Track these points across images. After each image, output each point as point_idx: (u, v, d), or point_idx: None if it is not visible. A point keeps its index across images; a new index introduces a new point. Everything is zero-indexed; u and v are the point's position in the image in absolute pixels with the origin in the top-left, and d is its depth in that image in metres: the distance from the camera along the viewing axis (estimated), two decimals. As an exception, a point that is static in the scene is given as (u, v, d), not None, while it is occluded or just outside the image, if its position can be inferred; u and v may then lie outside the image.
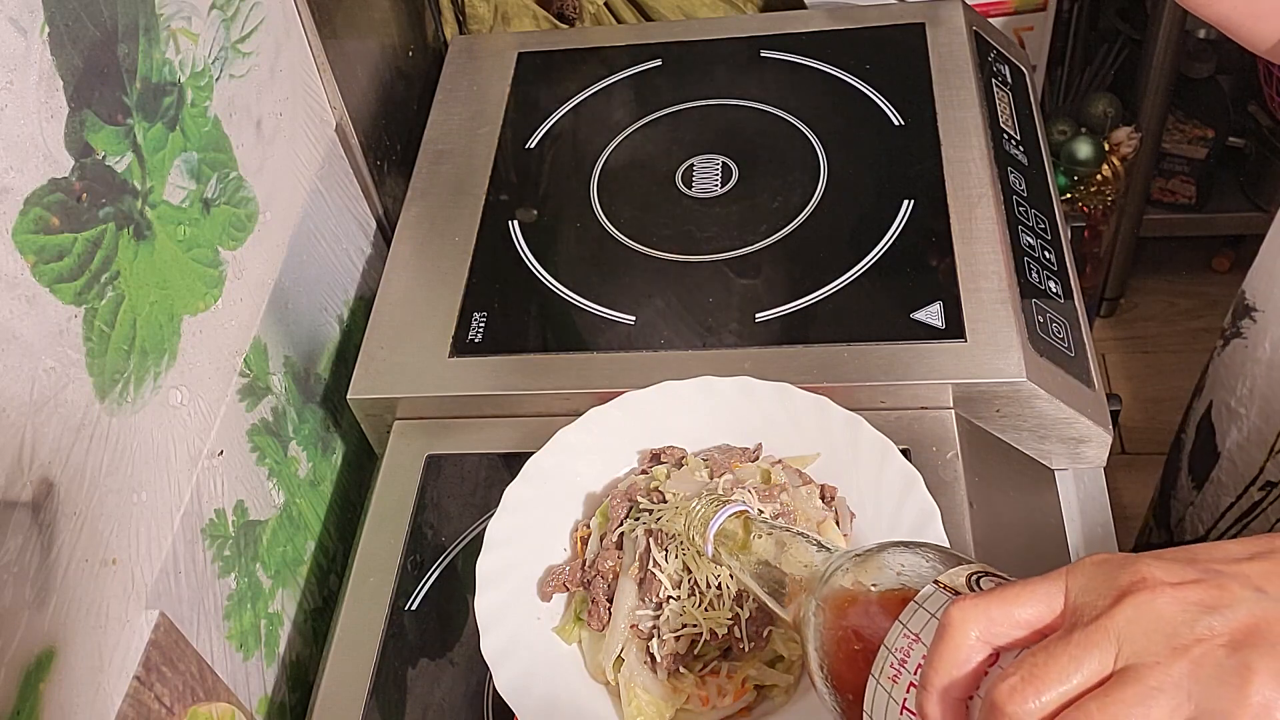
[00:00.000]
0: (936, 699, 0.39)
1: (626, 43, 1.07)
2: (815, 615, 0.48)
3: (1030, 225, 0.88)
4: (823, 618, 0.47)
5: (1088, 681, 0.36)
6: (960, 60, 0.97)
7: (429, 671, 0.73)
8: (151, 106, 0.67)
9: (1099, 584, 0.38)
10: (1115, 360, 1.85)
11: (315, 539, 0.85)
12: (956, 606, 0.39)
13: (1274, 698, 0.34)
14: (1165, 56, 1.53)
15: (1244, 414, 0.88)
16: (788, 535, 0.54)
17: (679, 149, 0.97)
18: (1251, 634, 0.35)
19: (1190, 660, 0.35)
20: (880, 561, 0.47)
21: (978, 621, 0.39)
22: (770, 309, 0.83)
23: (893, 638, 0.43)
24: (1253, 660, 0.34)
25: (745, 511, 0.58)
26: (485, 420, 0.83)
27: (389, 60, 1.03)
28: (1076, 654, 0.36)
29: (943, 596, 0.42)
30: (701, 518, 0.58)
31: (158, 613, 0.63)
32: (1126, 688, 0.35)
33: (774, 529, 0.55)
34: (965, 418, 0.78)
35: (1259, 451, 0.87)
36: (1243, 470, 0.90)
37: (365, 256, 0.98)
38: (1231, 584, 0.37)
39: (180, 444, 0.68)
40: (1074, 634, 0.37)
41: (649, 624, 0.63)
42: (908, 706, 0.41)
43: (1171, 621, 0.36)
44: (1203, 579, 0.37)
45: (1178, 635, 0.35)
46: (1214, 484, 0.95)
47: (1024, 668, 0.37)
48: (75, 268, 0.59)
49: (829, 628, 0.47)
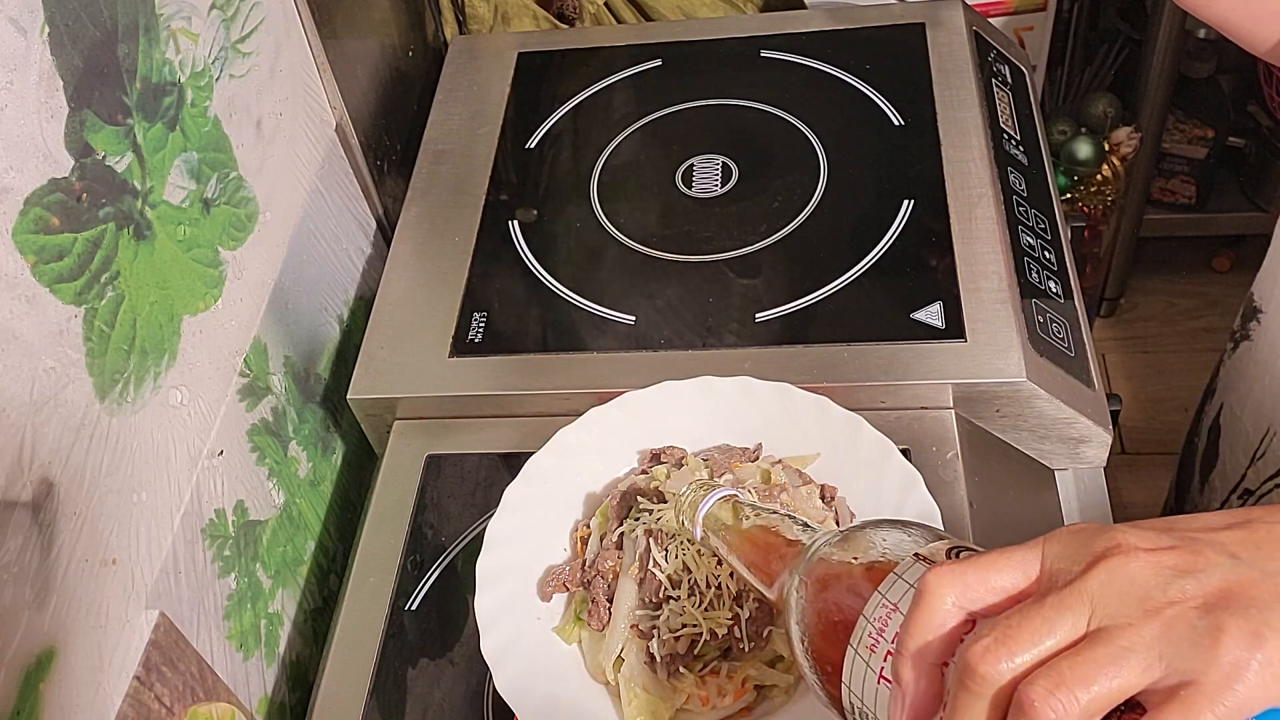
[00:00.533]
0: (911, 663, 0.39)
1: (626, 43, 1.07)
2: (798, 591, 0.48)
3: (1030, 225, 0.88)
4: (805, 593, 0.48)
5: (1061, 643, 0.36)
6: (960, 60, 0.97)
7: (429, 671, 0.73)
8: (151, 106, 0.67)
9: (1074, 550, 0.38)
10: (1115, 360, 1.85)
11: (315, 539, 0.85)
12: (933, 573, 0.39)
13: (1244, 657, 0.34)
14: (1165, 56, 1.53)
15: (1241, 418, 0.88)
16: (774, 517, 0.54)
17: (679, 149, 0.97)
18: (1224, 597, 0.35)
19: (1162, 621, 0.35)
20: (863, 538, 0.47)
21: (953, 587, 0.39)
22: (770, 309, 0.83)
23: (871, 608, 0.43)
24: (1224, 621, 0.34)
25: (733, 496, 0.58)
26: (485, 420, 0.83)
27: (389, 60, 1.03)
28: (1050, 616, 0.36)
29: (922, 568, 0.43)
30: (690, 503, 0.58)
31: (158, 613, 0.63)
32: (1098, 647, 0.35)
33: (760, 511, 0.55)
34: (965, 418, 0.78)
35: (1245, 458, 0.87)
36: (1230, 476, 0.90)
37: (365, 256, 0.98)
38: (1206, 550, 0.37)
39: (180, 444, 0.68)
40: (1048, 597, 0.37)
41: (649, 624, 0.63)
42: (885, 675, 0.41)
43: (1144, 584, 0.36)
44: (1178, 545, 0.37)
45: (1150, 598, 0.36)
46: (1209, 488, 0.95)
47: (997, 629, 0.37)
48: (75, 268, 0.59)
49: (811, 602, 0.47)
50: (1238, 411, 0.89)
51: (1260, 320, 0.85)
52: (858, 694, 0.43)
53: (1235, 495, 0.89)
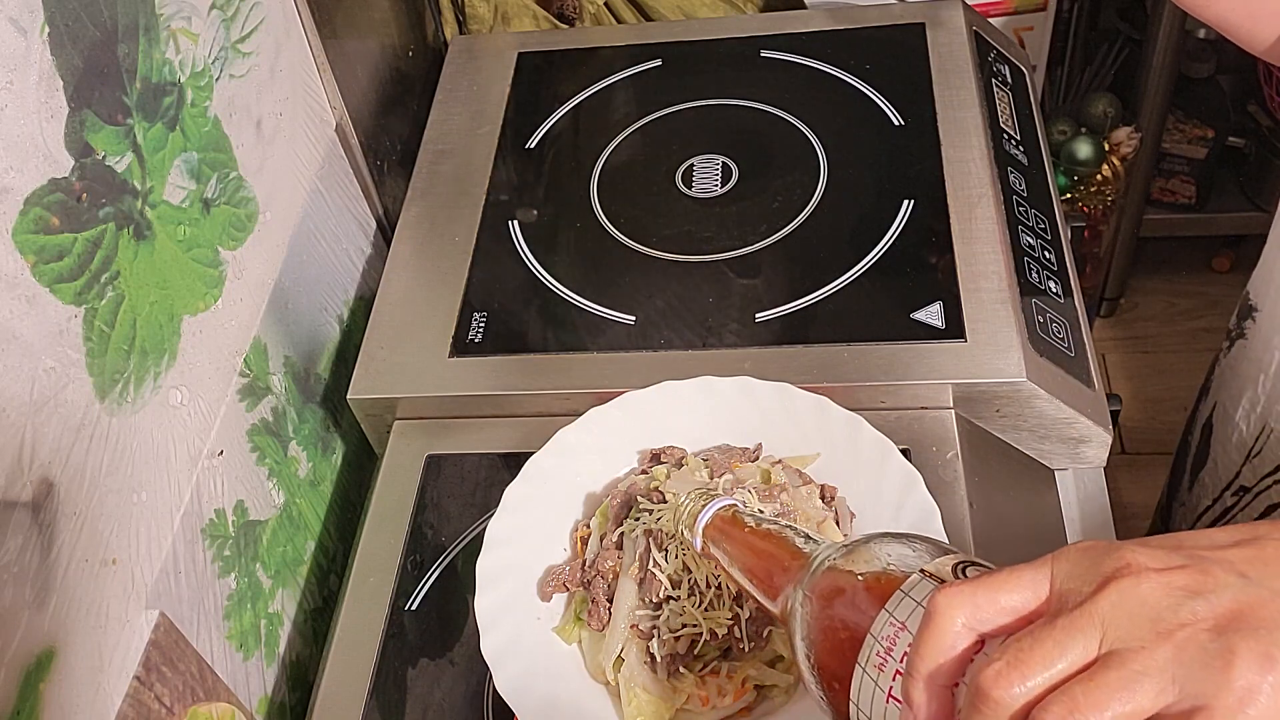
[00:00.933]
0: (922, 685, 0.39)
1: (626, 43, 1.07)
2: (802, 606, 0.48)
3: (1030, 225, 0.88)
4: (810, 608, 0.47)
5: (1073, 666, 0.36)
6: (960, 60, 0.97)
7: (429, 671, 0.73)
8: (151, 106, 0.67)
9: (1084, 570, 0.38)
10: (1115, 360, 1.85)
11: (315, 539, 0.85)
12: (942, 593, 0.39)
13: (1257, 681, 0.34)
14: (1165, 56, 1.53)
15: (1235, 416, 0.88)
16: (775, 528, 0.54)
17: (679, 149, 0.97)
18: (1235, 618, 0.35)
19: (1174, 645, 0.35)
20: (867, 552, 0.47)
21: (963, 607, 0.39)
22: (770, 309, 0.83)
23: (879, 626, 0.43)
24: (1236, 644, 0.34)
25: (733, 506, 0.58)
26: (485, 420, 0.83)
27: (389, 60, 1.03)
28: (1061, 639, 0.36)
29: (929, 585, 0.42)
30: (690, 512, 0.58)
31: (158, 613, 0.63)
32: (1111, 671, 0.35)
33: (762, 522, 0.55)
34: (965, 418, 0.78)
35: (1239, 455, 0.87)
36: (1222, 473, 0.90)
37: (365, 256, 0.98)
38: (1215, 569, 0.37)
39: (180, 444, 0.68)
40: (1059, 619, 0.37)
41: (649, 624, 0.63)
42: (894, 694, 0.41)
43: (1156, 606, 0.36)
44: (1187, 564, 0.37)
45: (1162, 620, 0.35)
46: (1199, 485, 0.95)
47: (1009, 653, 0.37)
48: (75, 268, 0.59)
49: (816, 617, 0.47)
50: (1230, 409, 0.89)
51: (1255, 319, 0.85)
52: (866, 712, 0.43)
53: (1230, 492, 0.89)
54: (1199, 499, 0.95)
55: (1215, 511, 0.93)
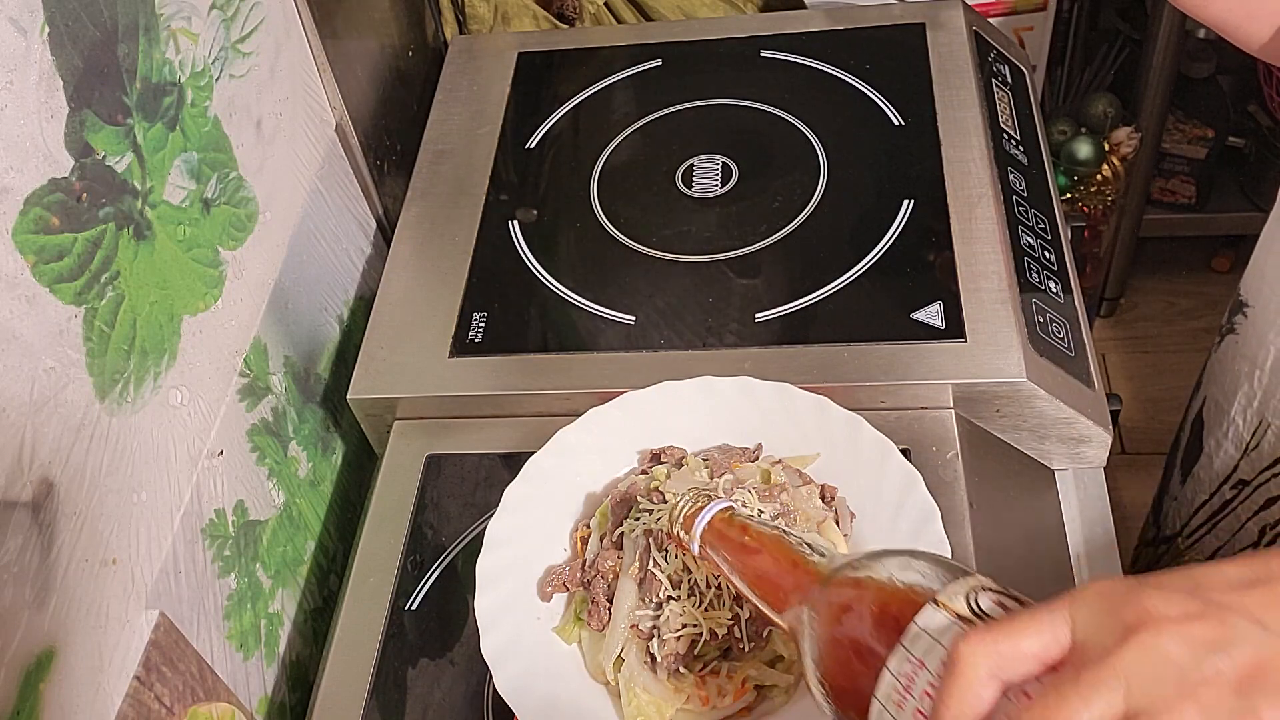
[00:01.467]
0: None
1: (626, 43, 1.07)
2: (811, 626, 0.48)
3: (1030, 225, 0.88)
4: (819, 628, 0.47)
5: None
6: (960, 60, 0.97)
7: (429, 671, 0.73)
8: (151, 106, 0.67)
9: (1103, 619, 0.39)
10: (1115, 360, 1.85)
11: (315, 539, 0.85)
12: (965, 643, 0.40)
13: None
14: (1165, 56, 1.53)
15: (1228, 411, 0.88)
16: (774, 534, 0.54)
17: (679, 149, 0.97)
18: (1258, 673, 0.36)
19: (1199, 705, 0.36)
20: (877, 571, 0.47)
21: (987, 657, 0.40)
22: (770, 309, 0.83)
23: (896, 662, 0.43)
24: (1259, 705, 0.35)
25: (730, 508, 0.57)
26: (485, 420, 0.83)
27: (389, 60, 1.03)
28: (1086, 694, 0.37)
29: (942, 617, 0.43)
30: (686, 514, 0.58)
31: (158, 613, 0.63)
32: None
33: (761, 526, 0.55)
34: (965, 418, 0.78)
35: (1236, 449, 0.88)
36: (1219, 468, 0.91)
37: (365, 256, 0.98)
38: (1233, 618, 0.37)
39: (180, 444, 0.68)
40: (1083, 675, 0.37)
41: (649, 624, 0.63)
42: None
43: (1178, 663, 0.36)
44: (1205, 613, 0.38)
45: (1185, 678, 0.36)
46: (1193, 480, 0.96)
47: (1034, 710, 0.37)
48: (75, 268, 0.59)
49: (825, 640, 0.47)
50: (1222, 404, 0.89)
51: (1246, 314, 0.85)
52: None
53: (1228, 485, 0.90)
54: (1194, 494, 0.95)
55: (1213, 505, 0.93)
